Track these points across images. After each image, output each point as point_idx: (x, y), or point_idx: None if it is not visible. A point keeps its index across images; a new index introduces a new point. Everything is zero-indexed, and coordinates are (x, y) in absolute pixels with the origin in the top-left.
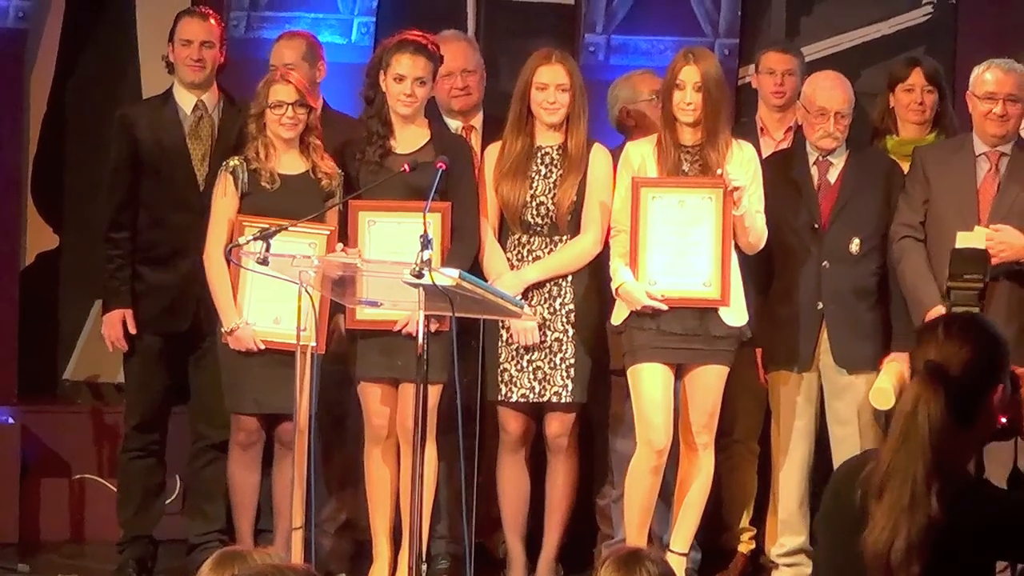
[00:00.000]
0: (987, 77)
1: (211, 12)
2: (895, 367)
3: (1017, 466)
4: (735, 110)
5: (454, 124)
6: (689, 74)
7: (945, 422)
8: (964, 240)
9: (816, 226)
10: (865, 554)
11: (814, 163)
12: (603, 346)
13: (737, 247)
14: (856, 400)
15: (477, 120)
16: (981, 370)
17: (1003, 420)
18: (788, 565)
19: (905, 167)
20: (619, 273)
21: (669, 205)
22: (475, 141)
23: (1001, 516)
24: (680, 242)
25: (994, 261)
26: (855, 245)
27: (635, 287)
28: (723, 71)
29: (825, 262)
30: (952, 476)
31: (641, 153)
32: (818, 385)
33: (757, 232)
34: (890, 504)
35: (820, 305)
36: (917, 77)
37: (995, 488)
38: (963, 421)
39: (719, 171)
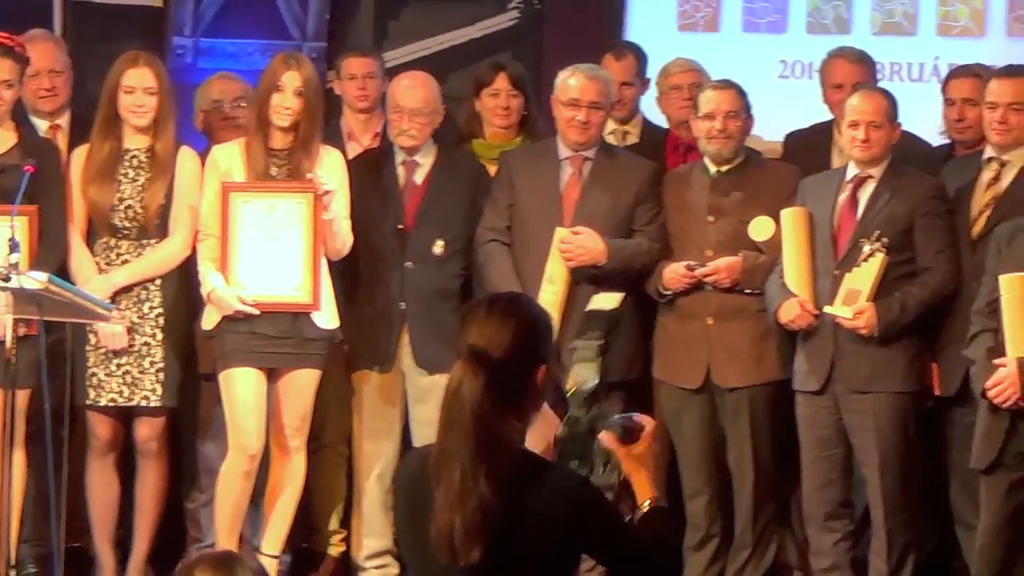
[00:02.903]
0: (571, 83)
1: None
2: None
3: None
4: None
5: (41, 124)
6: (291, 79)
7: (488, 404)
8: (597, 302)
9: (400, 226)
10: (431, 539)
11: (401, 164)
12: (193, 350)
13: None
14: (439, 401)
15: (64, 120)
16: (523, 350)
17: (618, 484)
18: (375, 567)
19: (492, 170)
20: (209, 278)
21: (259, 210)
22: (62, 141)
23: (573, 506)
24: (270, 247)
25: (572, 265)
26: (439, 247)
27: (226, 292)
28: None
29: (408, 262)
30: (504, 458)
31: (228, 156)
32: (402, 386)
33: (343, 237)
34: (445, 488)
35: (402, 305)
36: (502, 81)
37: (567, 474)
38: (508, 402)
39: (309, 175)
